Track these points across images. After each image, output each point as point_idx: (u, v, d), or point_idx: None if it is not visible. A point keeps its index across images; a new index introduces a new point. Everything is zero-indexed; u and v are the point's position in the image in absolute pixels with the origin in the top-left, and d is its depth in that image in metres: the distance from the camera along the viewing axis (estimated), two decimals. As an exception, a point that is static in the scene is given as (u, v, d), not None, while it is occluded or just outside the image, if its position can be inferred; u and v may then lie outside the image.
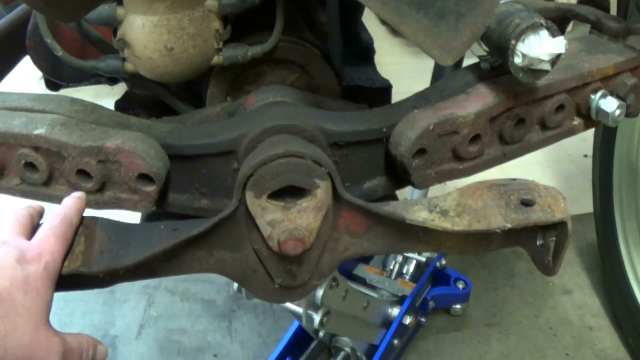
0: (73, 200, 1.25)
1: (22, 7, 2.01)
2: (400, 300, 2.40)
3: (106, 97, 2.24)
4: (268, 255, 1.28)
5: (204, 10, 1.54)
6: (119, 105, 1.86)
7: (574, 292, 2.95)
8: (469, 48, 1.20)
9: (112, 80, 1.94)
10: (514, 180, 1.37)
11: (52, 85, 1.95)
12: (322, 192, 1.23)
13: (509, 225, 1.25)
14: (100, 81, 1.83)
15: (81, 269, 1.18)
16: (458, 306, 2.74)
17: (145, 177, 1.32)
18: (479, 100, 1.41)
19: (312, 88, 1.77)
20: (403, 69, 4.24)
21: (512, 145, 1.52)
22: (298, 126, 1.36)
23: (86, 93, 1.95)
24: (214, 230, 1.25)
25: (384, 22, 5.55)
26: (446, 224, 1.28)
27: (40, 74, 1.91)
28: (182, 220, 1.38)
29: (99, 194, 1.37)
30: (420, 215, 1.29)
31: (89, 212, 1.31)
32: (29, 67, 1.95)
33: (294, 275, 1.31)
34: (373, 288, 2.50)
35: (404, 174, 1.42)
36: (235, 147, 1.38)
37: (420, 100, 1.49)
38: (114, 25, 1.54)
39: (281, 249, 1.23)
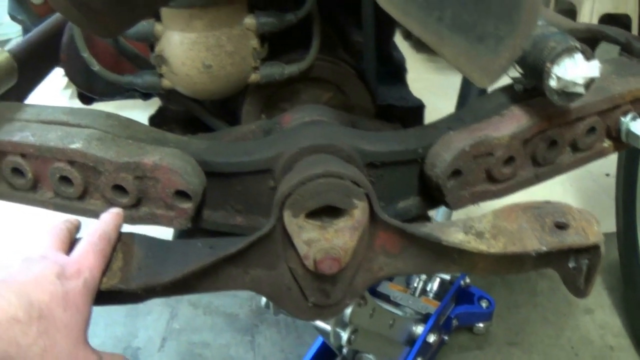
0: (111, 216, 1.25)
1: (54, 18, 1.99)
2: (424, 318, 2.39)
3: (127, 108, 2.22)
4: (303, 273, 1.27)
5: (242, 28, 1.54)
6: (153, 120, 1.87)
7: (595, 311, 2.93)
8: (506, 70, 1.18)
9: (146, 95, 1.94)
10: (548, 202, 1.36)
11: (85, 98, 1.93)
12: (359, 212, 1.22)
13: (544, 248, 1.25)
14: (134, 95, 1.82)
15: (119, 285, 1.18)
16: (481, 324, 2.72)
17: (181, 194, 1.31)
18: (513, 122, 1.41)
19: (347, 107, 1.76)
20: (427, 84, 4.25)
21: (544, 167, 1.50)
22: (335, 145, 1.35)
23: (108, 105, 1.92)
24: (251, 248, 1.24)
25: (407, 37, 5.55)
26: (482, 246, 1.27)
27: (63, 83, 1.90)
28: (215, 236, 1.40)
29: (134, 209, 1.36)
30: (456, 237, 1.28)
31: (124, 227, 1.30)
32: (53, 76, 1.95)
33: (328, 293, 1.30)
34: (397, 305, 2.49)
35: (438, 194, 1.41)
36: (271, 165, 1.37)
37: (454, 121, 1.47)
38: (151, 41, 1.54)
39: (317, 268, 1.22)
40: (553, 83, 1.31)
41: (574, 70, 1.29)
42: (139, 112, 2.03)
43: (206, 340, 2.76)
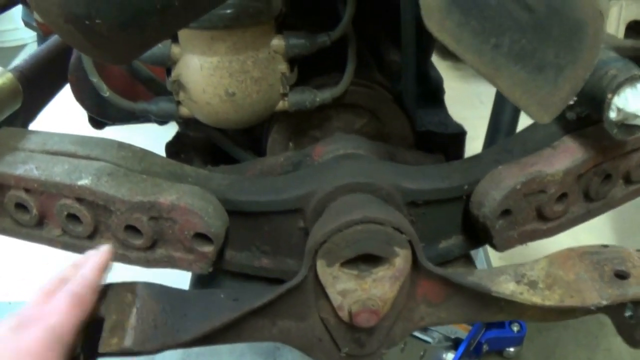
0: (94, 259, 1.12)
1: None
2: (454, 344, 2.26)
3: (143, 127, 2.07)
4: (336, 323, 1.20)
5: (269, 51, 1.43)
6: (170, 148, 1.74)
7: None
8: (567, 104, 1.09)
9: (162, 121, 1.77)
10: (605, 247, 1.28)
11: (96, 122, 1.78)
12: (401, 260, 1.14)
13: (605, 302, 1.17)
14: (149, 120, 1.65)
15: (133, 349, 1.08)
16: (511, 349, 2.62)
17: (201, 236, 1.21)
18: (566, 156, 1.31)
19: (382, 135, 1.66)
20: (452, 94, 4.08)
21: (596, 202, 1.40)
22: (373, 184, 1.25)
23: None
24: (280, 299, 1.16)
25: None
26: (535, 298, 1.19)
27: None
28: (238, 278, 1.38)
29: (149, 251, 1.25)
30: (507, 287, 1.20)
31: (136, 271, 1.23)
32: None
33: (363, 344, 1.23)
34: (425, 330, 2.34)
35: (484, 235, 1.32)
36: (302, 204, 1.28)
37: (502, 153, 1.37)
38: (167, 64, 1.43)
39: (353, 320, 1.15)
40: (613, 115, 1.20)
41: (637, 101, 1.19)
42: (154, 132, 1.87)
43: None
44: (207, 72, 1.38)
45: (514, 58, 1.03)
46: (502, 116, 2.35)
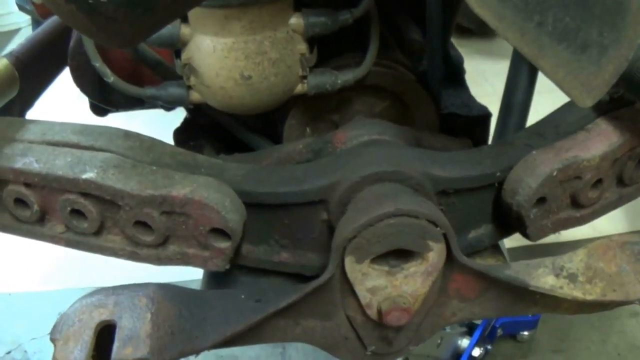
0: None
1: (61, 15, 1.71)
2: (469, 330, 2.21)
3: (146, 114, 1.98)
4: (362, 322, 1.15)
5: (288, 30, 1.35)
6: (179, 135, 1.66)
7: None
8: (609, 87, 1.03)
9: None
10: None
11: (98, 109, 1.68)
12: (435, 255, 1.08)
13: None
14: (155, 106, 1.55)
15: (149, 359, 1.00)
16: (525, 332, 2.66)
17: (218, 231, 1.14)
18: (602, 140, 1.25)
19: (405, 118, 1.59)
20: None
21: (629, 187, 1.36)
22: (402, 172, 1.18)
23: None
24: (304, 299, 1.10)
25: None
26: (576, 292, 1.15)
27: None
28: (256, 274, 1.32)
29: (161, 248, 1.18)
30: (546, 281, 1.15)
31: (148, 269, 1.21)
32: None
33: (390, 342, 1.18)
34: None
35: (517, 224, 1.26)
36: (325, 196, 1.20)
37: (533, 137, 1.32)
38: (176, 46, 1.35)
39: (382, 319, 1.10)
40: None
41: (679, 82, 1.12)
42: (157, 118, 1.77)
43: (234, 353, 2.64)
44: (221, 54, 1.30)
45: (558, 37, 0.98)
46: (514, 96, 2.26)
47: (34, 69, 1.53)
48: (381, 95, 1.56)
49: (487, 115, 1.68)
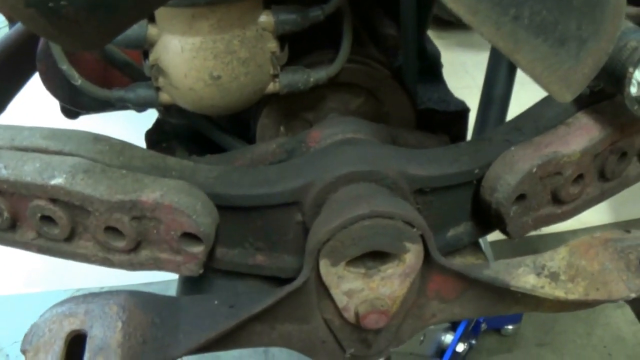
0: None
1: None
2: (452, 326, 2.18)
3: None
4: (340, 324, 1.13)
5: (257, 28, 1.31)
6: (150, 136, 1.62)
7: (626, 306, 2.76)
8: (589, 81, 1.01)
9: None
10: (628, 232, 1.22)
11: (69, 112, 1.64)
12: (412, 256, 1.06)
13: (633, 295, 1.13)
14: (126, 107, 1.51)
15: None
16: (510, 326, 2.65)
17: (190, 236, 1.11)
18: (582, 134, 1.23)
19: (380, 115, 1.56)
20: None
21: (611, 182, 1.34)
22: (378, 172, 1.16)
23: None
24: (279, 303, 1.08)
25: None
26: (558, 292, 1.13)
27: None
28: (230, 277, 1.29)
29: (133, 253, 1.15)
30: (527, 281, 1.14)
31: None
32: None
33: (369, 344, 1.16)
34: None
35: (497, 222, 1.24)
36: (299, 197, 1.18)
37: (512, 132, 1.29)
38: (143, 47, 1.30)
39: (360, 322, 1.08)
40: (634, 90, 1.13)
41: (658, 75, 1.12)
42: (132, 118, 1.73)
43: (217, 353, 2.47)
44: (189, 54, 1.26)
45: (535, 30, 0.95)
46: (494, 89, 2.24)
47: (4, 73, 1.49)
48: (355, 92, 1.53)
49: (465, 110, 1.65)
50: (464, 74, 4.30)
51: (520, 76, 1.78)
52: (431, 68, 1.82)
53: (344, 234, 1.02)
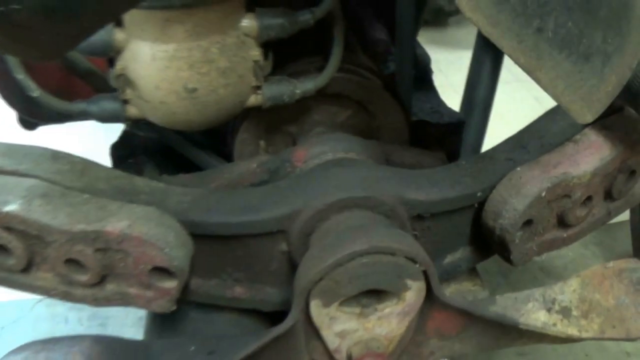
0: None
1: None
2: None
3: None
4: None
5: (239, 34, 1.19)
6: (117, 151, 1.50)
7: None
8: (611, 100, 0.92)
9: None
10: None
11: (26, 123, 1.49)
12: (413, 294, 0.97)
13: None
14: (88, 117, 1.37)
15: None
16: None
17: (161, 270, 0.99)
18: (592, 153, 1.13)
19: (371, 129, 1.44)
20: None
21: (618, 201, 1.23)
22: (373, 198, 1.07)
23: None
24: (264, 348, 0.97)
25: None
26: (571, 330, 1.05)
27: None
28: (207, 310, 1.17)
29: (98, 287, 1.03)
30: (537, 318, 1.05)
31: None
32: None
33: None
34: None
35: (500, 249, 1.14)
36: (285, 226, 1.07)
37: (515, 149, 1.20)
38: (109, 54, 1.18)
39: None
40: None
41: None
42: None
43: None
44: (161, 63, 1.14)
45: (559, 44, 0.89)
46: (476, 91, 2.11)
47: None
48: (344, 103, 1.41)
49: (460, 122, 1.52)
50: (437, 72, 4.17)
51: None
52: (422, 75, 1.70)
53: (338, 273, 0.92)
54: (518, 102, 3.71)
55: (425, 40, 4.53)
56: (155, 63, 1.14)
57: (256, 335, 0.97)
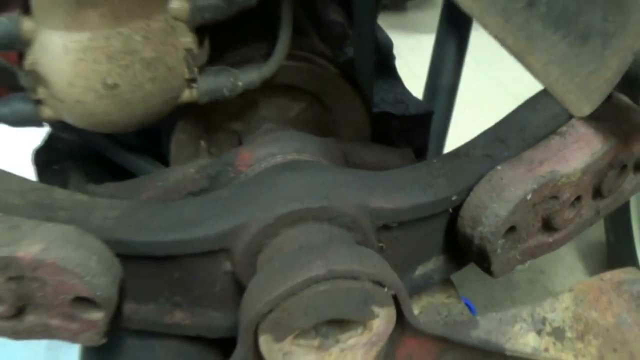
0: None
1: None
2: None
3: None
4: None
5: (167, 18, 1.00)
6: (39, 156, 1.30)
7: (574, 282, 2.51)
8: (610, 90, 0.83)
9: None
10: None
11: None
12: (382, 322, 0.82)
13: None
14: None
15: None
16: None
17: (85, 299, 0.84)
18: (582, 148, 1.01)
19: (326, 124, 1.27)
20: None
21: (606, 199, 1.11)
22: (332, 208, 0.91)
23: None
24: None
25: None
26: (566, 355, 0.90)
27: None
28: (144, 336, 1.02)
29: (16, 319, 0.87)
30: (527, 343, 0.91)
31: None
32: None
33: None
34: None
35: (479, 259, 1.00)
36: (228, 244, 0.91)
37: (494, 144, 1.05)
38: (16, 47, 0.99)
39: None
40: None
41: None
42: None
43: None
44: (74, 55, 0.96)
45: (554, 22, 0.77)
46: (440, 78, 1.98)
47: None
48: (296, 95, 1.24)
49: (428, 113, 1.36)
50: (397, 57, 4.08)
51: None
52: (384, 61, 1.53)
53: (291, 304, 0.77)
54: (480, 87, 3.59)
55: (384, 25, 4.41)
56: (68, 56, 0.95)
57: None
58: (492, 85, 3.78)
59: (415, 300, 1.11)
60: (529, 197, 0.94)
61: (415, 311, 1.05)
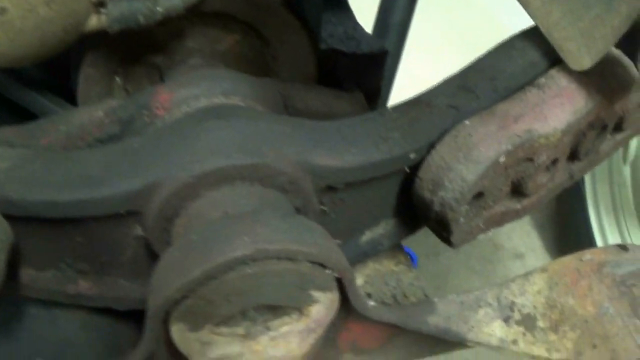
0: None
1: None
2: None
3: None
4: None
5: None
6: None
7: (526, 255, 2.59)
8: (616, 40, 0.73)
9: None
10: (624, 249, 0.85)
11: None
12: (322, 308, 0.70)
13: None
14: None
15: None
16: None
17: None
18: (563, 104, 0.86)
19: (264, 61, 1.08)
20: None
21: (581, 162, 0.99)
22: (266, 165, 0.75)
23: None
24: None
25: None
26: (538, 349, 0.77)
27: None
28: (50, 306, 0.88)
29: None
30: (492, 332, 0.78)
31: None
32: None
33: None
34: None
35: (438, 227, 0.86)
36: (138, 206, 0.74)
37: (460, 94, 0.88)
38: None
39: None
40: None
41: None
42: None
43: None
44: None
45: None
46: (391, 14, 1.80)
47: None
48: (228, 25, 1.05)
49: (382, 52, 1.18)
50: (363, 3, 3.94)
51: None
52: (332, -11, 1.33)
53: (210, 289, 0.62)
54: (430, 26, 3.42)
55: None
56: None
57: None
58: (443, 25, 3.61)
59: (360, 268, 0.96)
60: (501, 159, 0.80)
61: (360, 280, 0.91)
